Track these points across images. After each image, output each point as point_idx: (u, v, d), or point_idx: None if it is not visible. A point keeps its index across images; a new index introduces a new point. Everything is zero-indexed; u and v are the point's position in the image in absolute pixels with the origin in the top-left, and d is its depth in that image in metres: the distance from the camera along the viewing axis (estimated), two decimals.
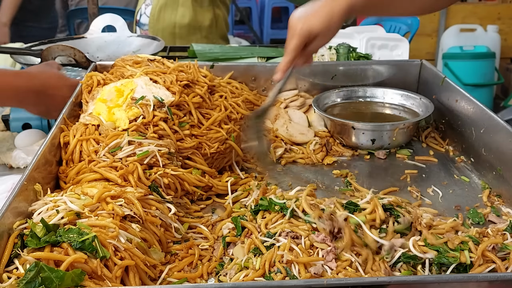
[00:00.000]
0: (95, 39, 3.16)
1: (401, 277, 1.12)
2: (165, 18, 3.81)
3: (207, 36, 3.90)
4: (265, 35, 7.77)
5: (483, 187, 1.76)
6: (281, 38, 7.83)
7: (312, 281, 1.04)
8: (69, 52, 2.61)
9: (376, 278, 1.04)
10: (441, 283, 1.06)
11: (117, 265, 1.23)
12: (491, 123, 1.73)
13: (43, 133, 2.14)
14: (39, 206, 1.37)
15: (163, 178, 1.57)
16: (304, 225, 1.36)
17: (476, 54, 5.60)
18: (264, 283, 1.09)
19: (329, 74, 2.23)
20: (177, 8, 3.81)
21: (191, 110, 1.78)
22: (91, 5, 3.28)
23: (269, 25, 7.80)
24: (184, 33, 3.79)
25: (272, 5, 7.83)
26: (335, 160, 1.94)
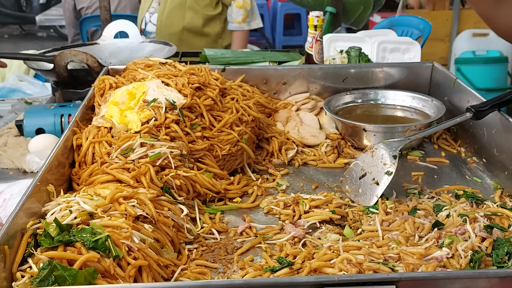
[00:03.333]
0: (108, 45, 3.18)
1: (411, 274, 1.11)
2: (173, 23, 3.83)
3: (215, 43, 3.92)
4: (277, 41, 7.77)
5: (495, 187, 1.75)
6: (294, 44, 7.85)
7: (324, 277, 1.04)
8: (81, 57, 2.63)
9: (386, 275, 1.04)
10: (452, 279, 1.05)
11: (131, 265, 1.24)
12: (503, 123, 1.72)
13: (56, 137, 2.16)
14: (52, 207, 1.38)
15: (175, 180, 1.58)
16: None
17: (488, 58, 5.57)
18: (274, 279, 1.10)
19: (340, 77, 2.24)
20: (185, 13, 3.84)
21: (203, 112, 1.79)
22: (104, 11, 3.31)
23: (281, 32, 7.80)
24: (192, 39, 3.81)
25: (285, 11, 7.83)
26: (347, 162, 1.94)
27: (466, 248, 1.31)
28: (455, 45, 5.98)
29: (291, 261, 1.34)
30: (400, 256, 1.30)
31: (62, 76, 2.64)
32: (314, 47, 2.30)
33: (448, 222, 1.46)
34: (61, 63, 2.62)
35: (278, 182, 1.79)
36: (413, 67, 2.26)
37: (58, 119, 2.29)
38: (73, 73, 2.63)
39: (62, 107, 2.39)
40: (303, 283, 1.03)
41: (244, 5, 3.88)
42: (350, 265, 1.27)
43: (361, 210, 1.63)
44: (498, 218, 1.47)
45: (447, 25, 6.10)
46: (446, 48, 6.13)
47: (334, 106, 2.13)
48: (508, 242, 1.34)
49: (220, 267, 1.42)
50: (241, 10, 3.88)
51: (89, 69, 2.64)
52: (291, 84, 2.23)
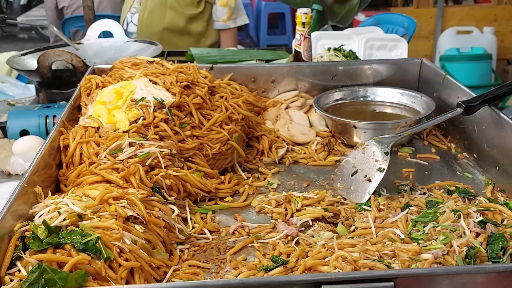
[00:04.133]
0: (92, 45, 3.14)
1: (409, 270, 1.10)
2: (154, 23, 3.79)
3: (198, 42, 3.89)
4: (261, 41, 7.76)
5: (486, 182, 1.75)
6: (278, 43, 7.84)
7: (321, 275, 1.02)
8: (65, 57, 2.59)
9: (384, 272, 1.03)
10: (450, 275, 1.04)
11: (122, 266, 1.22)
12: (494, 118, 1.72)
13: (41, 139, 2.12)
14: (40, 209, 1.35)
15: (165, 180, 1.55)
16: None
17: (473, 55, 5.60)
18: (271, 278, 1.08)
19: (329, 74, 2.22)
20: (166, 12, 3.80)
21: (192, 111, 1.76)
22: (87, 11, 3.27)
23: (265, 31, 7.79)
24: (174, 39, 3.77)
25: (269, 11, 7.82)
26: (337, 159, 1.93)
27: (461, 244, 1.30)
28: (439, 43, 6.01)
29: (285, 260, 1.33)
30: (395, 253, 1.29)
31: (46, 76, 2.60)
32: (303, 44, 2.28)
33: (442, 218, 1.45)
34: (45, 63, 2.58)
35: (269, 180, 1.77)
36: (401, 64, 2.26)
37: (43, 120, 2.26)
38: (57, 73, 2.59)
39: (47, 108, 2.35)
40: (300, 281, 1.01)
41: (228, 3, 3.85)
42: (345, 262, 1.25)
43: (353, 208, 1.62)
44: (491, 213, 1.46)
45: (431, 22, 6.13)
46: (431, 45, 6.16)
47: (324, 103, 2.11)
48: (502, 237, 1.33)
49: (212, 267, 1.40)
50: (225, 8, 3.85)
51: (73, 69, 2.60)
52: (280, 82, 2.22)
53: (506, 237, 1.33)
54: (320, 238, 1.46)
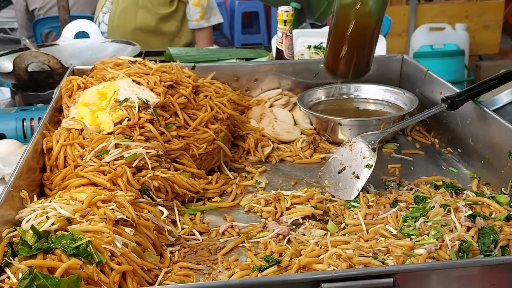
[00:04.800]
0: (68, 46, 3.10)
1: (407, 266, 1.10)
2: (125, 23, 3.75)
3: (171, 42, 3.86)
4: (236, 40, 7.73)
5: (471, 177, 1.76)
6: (253, 42, 7.81)
7: (320, 273, 1.02)
8: (42, 58, 2.54)
9: (384, 268, 1.03)
10: (447, 269, 1.04)
11: (115, 270, 1.20)
12: (478, 113, 1.73)
13: (19, 142, 2.08)
14: (26, 214, 1.32)
15: (152, 181, 1.53)
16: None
17: (446, 52, 5.65)
18: (271, 278, 1.07)
19: (311, 72, 2.22)
20: (137, 12, 3.76)
21: (177, 110, 1.74)
22: (62, 12, 3.22)
23: (239, 30, 7.77)
24: (146, 39, 3.73)
25: (242, 10, 7.81)
26: (323, 157, 1.93)
27: (453, 238, 1.31)
28: (412, 40, 6.06)
29: (278, 259, 1.32)
30: (388, 249, 1.29)
31: (22, 78, 2.55)
32: (284, 42, 2.28)
33: (431, 213, 1.45)
34: (21, 65, 2.53)
35: (257, 179, 1.76)
36: (383, 60, 2.27)
37: (20, 123, 2.22)
38: (34, 75, 2.55)
39: (24, 111, 2.31)
40: (301, 280, 1.01)
41: (200, 2, 3.82)
42: (340, 260, 1.25)
43: (342, 205, 1.62)
44: (479, 207, 1.48)
45: (404, 20, 6.17)
46: (404, 42, 6.21)
47: (307, 101, 2.11)
48: (493, 230, 1.34)
49: (204, 269, 1.39)
50: (198, 7, 3.82)
51: (50, 71, 2.56)
52: (263, 80, 2.21)
53: (496, 230, 1.34)
54: (311, 236, 1.46)
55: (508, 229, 1.37)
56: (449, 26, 5.99)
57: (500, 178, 1.62)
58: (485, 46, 6.31)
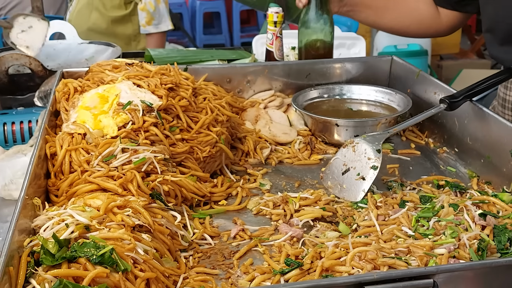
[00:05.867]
0: (44, 48, 3.00)
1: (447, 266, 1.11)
2: (80, 23, 3.69)
3: (127, 45, 3.81)
4: (198, 40, 7.69)
5: (470, 175, 1.80)
6: (215, 43, 7.76)
7: (363, 275, 1.02)
8: (24, 61, 2.48)
9: (424, 269, 1.04)
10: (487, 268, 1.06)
11: (139, 278, 1.17)
12: (476, 112, 1.77)
13: (1, 148, 2.02)
14: (42, 221, 1.29)
15: (162, 186, 1.51)
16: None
17: (410, 52, 5.75)
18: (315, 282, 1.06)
19: (303, 73, 2.22)
20: (91, 13, 3.71)
21: (179, 113, 1.72)
22: (37, 12, 3.14)
23: (201, 31, 7.73)
24: (99, 40, 3.66)
25: (204, 10, 7.77)
26: (321, 158, 1.94)
27: (470, 237, 1.33)
28: (376, 40, 6.15)
29: (300, 262, 1.32)
30: (409, 249, 1.30)
31: (2, 81, 2.48)
32: (275, 43, 2.27)
33: (442, 213, 1.48)
34: (1, 67, 2.46)
35: (261, 182, 1.76)
36: (372, 61, 2.30)
37: (1, 127, 2.15)
38: (14, 78, 2.48)
39: (4, 115, 2.24)
40: (343, 283, 1.01)
41: (146, 7, 3.77)
42: (364, 261, 1.26)
43: (349, 206, 1.63)
44: (486, 206, 1.51)
45: None
46: (368, 43, 6.28)
47: (301, 102, 2.11)
48: (506, 228, 1.38)
49: (221, 273, 1.38)
50: (144, 12, 3.79)
51: (31, 74, 2.50)
52: (255, 82, 2.20)
53: (509, 229, 1.38)
54: (326, 238, 1.46)
55: None
56: None
57: (501, 177, 1.66)
58: (446, 46, 6.45)
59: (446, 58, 6.59)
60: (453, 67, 6.27)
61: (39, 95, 2.35)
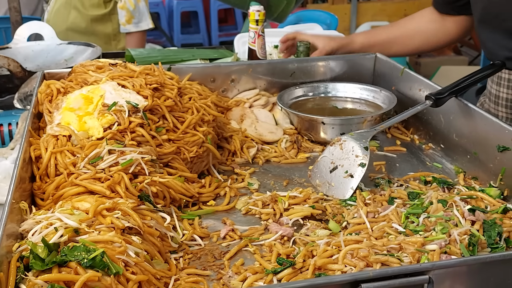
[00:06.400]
0: (21, 49, 2.96)
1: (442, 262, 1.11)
2: (58, 23, 3.65)
3: (107, 45, 3.77)
4: (175, 40, 7.66)
5: (456, 171, 1.81)
6: (192, 42, 7.72)
7: (359, 274, 1.02)
8: (2, 62, 2.43)
9: (419, 265, 1.04)
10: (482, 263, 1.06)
11: (131, 281, 1.16)
12: (462, 109, 1.78)
13: None
14: (30, 226, 1.26)
15: (150, 187, 1.49)
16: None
17: None
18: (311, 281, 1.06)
19: (287, 72, 2.22)
20: (70, 12, 3.67)
21: (165, 114, 1.70)
22: (14, 13, 3.08)
23: (179, 30, 7.69)
24: (78, 40, 3.61)
25: (181, 9, 7.73)
26: (308, 156, 1.93)
27: (460, 233, 1.34)
28: None
29: (292, 261, 1.31)
30: (401, 246, 1.31)
31: None
32: (257, 42, 2.27)
33: (431, 209, 1.48)
34: None
35: (249, 181, 1.75)
36: (356, 59, 2.30)
37: None
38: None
39: None
40: (340, 281, 1.00)
41: (125, 6, 3.74)
42: (357, 259, 1.25)
43: (338, 204, 1.62)
44: (474, 201, 1.52)
45: (346, 19, 6.29)
46: None
47: (286, 101, 2.11)
48: (495, 223, 1.39)
49: (212, 274, 1.37)
50: (123, 11, 3.75)
51: (10, 75, 2.45)
52: (239, 81, 2.19)
53: (498, 223, 1.39)
54: (317, 237, 1.45)
55: (508, 221, 1.42)
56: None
57: (488, 172, 1.67)
58: None
59: (424, 56, 6.65)
60: (431, 64, 6.33)
61: (18, 97, 2.31)
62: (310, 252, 1.35)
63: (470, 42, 7.39)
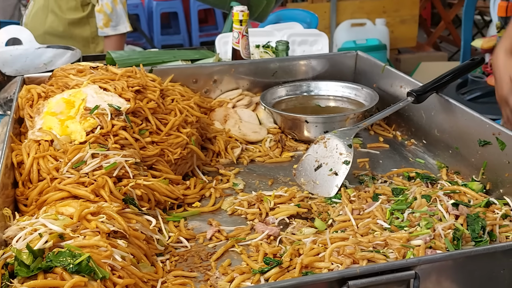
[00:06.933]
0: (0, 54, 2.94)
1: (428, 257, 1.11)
2: (36, 26, 3.62)
3: (86, 48, 3.75)
4: (155, 41, 7.62)
5: (439, 166, 1.82)
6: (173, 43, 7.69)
7: (346, 271, 1.02)
8: None
9: (405, 261, 1.05)
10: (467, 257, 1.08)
11: (118, 285, 1.15)
12: (443, 104, 1.80)
13: None
14: (14, 232, 1.25)
15: (135, 190, 1.48)
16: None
17: (369, 47, 5.83)
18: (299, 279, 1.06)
19: (269, 71, 2.22)
20: (47, 16, 3.64)
21: (148, 116, 1.70)
22: None
23: (159, 31, 7.66)
24: (56, 43, 3.58)
25: (160, 10, 7.70)
26: (292, 155, 1.94)
27: (445, 227, 1.35)
28: (335, 36, 6.20)
29: (279, 260, 1.31)
30: (386, 242, 1.31)
31: None
32: (241, 42, 2.26)
33: (415, 204, 1.49)
34: None
35: (233, 182, 1.74)
36: (337, 57, 2.31)
37: None
38: None
39: None
40: (327, 279, 1.01)
41: (103, 9, 3.72)
42: (343, 256, 1.26)
43: (323, 202, 1.63)
44: (457, 195, 1.53)
45: (326, 17, 6.31)
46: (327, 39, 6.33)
47: (269, 100, 2.11)
48: (478, 217, 1.40)
49: (199, 276, 1.36)
50: (100, 14, 3.73)
51: None
52: (221, 81, 2.19)
53: (482, 217, 1.40)
54: (303, 235, 1.46)
55: (491, 214, 1.43)
56: (369, 22, 6.18)
57: (470, 166, 1.69)
58: (403, 40, 6.56)
59: (404, 52, 6.70)
60: (411, 60, 6.38)
61: None
62: (296, 250, 1.35)
63: (449, 38, 7.47)
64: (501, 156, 1.56)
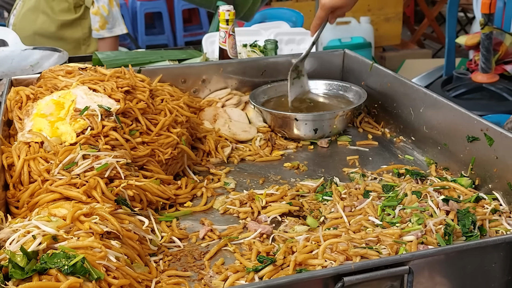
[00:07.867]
0: None
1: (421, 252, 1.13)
2: (25, 27, 3.60)
3: (77, 49, 3.73)
4: (140, 41, 7.59)
5: (428, 162, 1.84)
6: (157, 43, 7.66)
7: (341, 267, 1.03)
8: None
9: (399, 256, 1.06)
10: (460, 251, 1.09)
11: (114, 286, 1.15)
12: (430, 101, 1.81)
13: None
14: (6, 235, 1.24)
15: (127, 191, 1.48)
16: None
17: (354, 45, 5.84)
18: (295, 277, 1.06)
19: (258, 70, 2.23)
20: (38, 16, 3.63)
21: (138, 116, 1.70)
22: None
23: (143, 31, 7.63)
24: (46, 44, 3.56)
25: (145, 11, 7.67)
26: (282, 153, 1.94)
27: (436, 223, 1.37)
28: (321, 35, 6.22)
29: (273, 258, 1.32)
30: (379, 239, 1.33)
31: None
32: (228, 42, 2.27)
33: (406, 200, 1.51)
34: None
35: (225, 181, 1.75)
36: (325, 56, 2.32)
37: None
38: None
39: None
40: (322, 275, 1.02)
41: (99, 11, 3.70)
42: (336, 253, 1.27)
43: (314, 199, 1.64)
44: (447, 191, 1.55)
45: (311, 15, 6.30)
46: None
47: (258, 99, 2.12)
48: (468, 212, 1.42)
49: (193, 275, 1.37)
50: (97, 17, 3.72)
51: None
52: (210, 81, 2.19)
53: (472, 212, 1.42)
54: (295, 233, 1.46)
55: (481, 209, 1.45)
56: (354, 20, 6.20)
57: (459, 162, 1.71)
58: (388, 37, 6.59)
59: (388, 50, 6.74)
60: (395, 58, 6.41)
61: None
62: (290, 248, 1.36)
63: (433, 35, 7.52)
64: (489, 152, 1.58)
